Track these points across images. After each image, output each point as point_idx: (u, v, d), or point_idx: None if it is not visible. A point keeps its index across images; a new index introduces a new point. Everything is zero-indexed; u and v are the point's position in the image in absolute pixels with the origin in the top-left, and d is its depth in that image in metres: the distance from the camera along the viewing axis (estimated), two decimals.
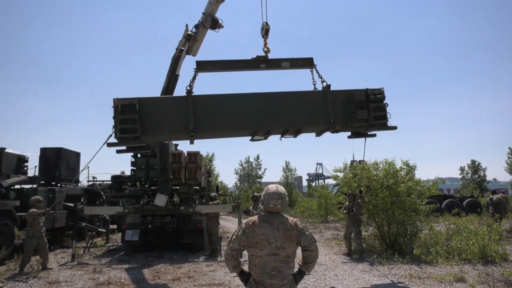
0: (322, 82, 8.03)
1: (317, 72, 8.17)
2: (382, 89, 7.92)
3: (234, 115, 7.54)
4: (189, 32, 10.52)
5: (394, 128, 7.94)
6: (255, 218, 3.18)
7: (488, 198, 15.20)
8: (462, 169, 56.08)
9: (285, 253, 3.04)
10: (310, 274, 7.56)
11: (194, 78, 7.98)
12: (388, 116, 7.86)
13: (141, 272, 8.35)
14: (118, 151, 7.70)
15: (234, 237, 3.17)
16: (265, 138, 8.23)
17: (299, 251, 3.17)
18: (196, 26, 10.76)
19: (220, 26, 10.89)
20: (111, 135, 7.34)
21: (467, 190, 39.53)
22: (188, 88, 7.70)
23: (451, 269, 8.00)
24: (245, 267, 3.22)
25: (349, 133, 8.48)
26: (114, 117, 7.10)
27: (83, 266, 9.12)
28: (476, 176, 54.02)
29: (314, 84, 8.13)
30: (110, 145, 7.36)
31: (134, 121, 7.06)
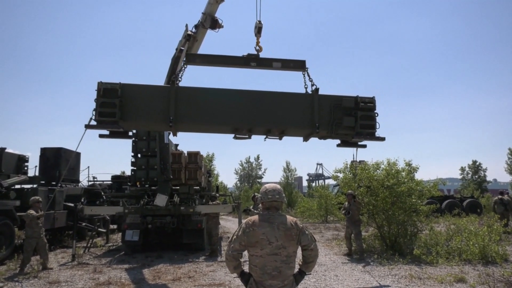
0: (312, 85, 7.84)
1: (308, 75, 7.97)
2: (374, 98, 7.67)
3: (215, 110, 7.39)
4: (189, 32, 10.49)
5: (382, 139, 7.69)
6: (255, 217, 3.17)
7: (497, 198, 14.98)
8: (462, 169, 56.07)
9: (286, 252, 3.03)
10: (310, 274, 7.56)
11: (181, 69, 7.79)
12: (377, 126, 7.59)
13: (141, 272, 8.35)
14: (101, 136, 7.62)
15: (235, 237, 3.16)
16: (249, 137, 8.06)
17: (299, 252, 3.17)
18: (196, 26, 10.72)
19: (220, 26, 10.84)
20: (92, 118, 7.24)
21: (468, 190, 39.53)
22: (173, 79, 7.54)
23: (451, 270, 7.99)
24: (245, 268, 3.22)
25: (338, 141, 8.28)
26: (95, 100, 7.02)
27: (83, 266, 9.12)
28: (476, 176, 54.00)
29: (306, 88, 7.90)
30: (88, 127, 7.29)
31: (114, 106, 6.94)
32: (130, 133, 8.12)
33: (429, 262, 8.67)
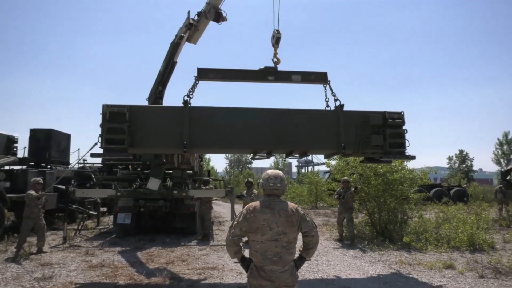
0: (335, 100, 7.29)
1: (331, 88, 7.52)
2: (402, 113, 7.15)
3: (233, 132, 6.81)
4: (191, 21, 10.14)
5: (412, 158, 7.25)
6: (256, 203, 3.17)
7: (498, 187, 17.41)
8: (450, 158, 57.06)
9: (286, 238, 3.05)
10: (310, 260, 7.64)
11: (193, 86, 7.19)
12: (407, 144, 7.12)
13: (134, 255, 8.36)
14: (105, 160, 7.22)
15: (235, 222, 3.17)
16: (268, 157, 7.75)
17: (300, 238, 3.18)
18: (199, 14, 10.32)
19: (224, 19, 10.36)
20: (96, 144, 6.73)
21: (455, 179, 40.24)
22: (186, 98, 6.88)
23: (440, 256, 8.17)
24: (246, 253, 3.23)
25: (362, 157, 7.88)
26: (101, 125, 6.40)
27: (75, 248, 9.09)
28: (463, 165, 55.03)
29: (327, 101, 7.49)
30: (94, 155, 6.78)
31: (123, 132, 6.34)
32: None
33: (419, 249, 8.84)
